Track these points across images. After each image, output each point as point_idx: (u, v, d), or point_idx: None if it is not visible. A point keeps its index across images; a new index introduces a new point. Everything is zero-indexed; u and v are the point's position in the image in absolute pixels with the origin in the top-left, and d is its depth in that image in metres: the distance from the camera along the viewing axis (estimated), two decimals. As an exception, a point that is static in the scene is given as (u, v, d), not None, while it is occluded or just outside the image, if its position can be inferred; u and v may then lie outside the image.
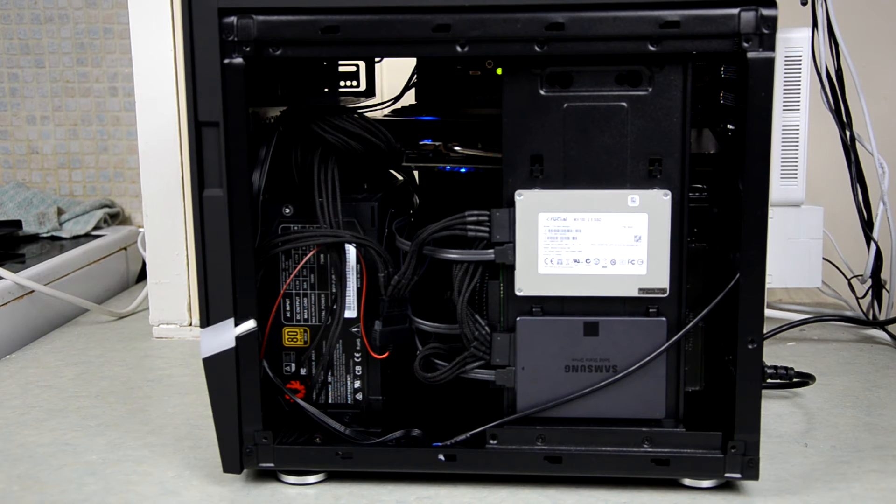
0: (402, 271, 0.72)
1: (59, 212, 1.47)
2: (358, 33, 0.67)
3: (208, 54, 0.67)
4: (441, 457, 0.72)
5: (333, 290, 0.75)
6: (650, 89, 0.68)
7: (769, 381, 0.89)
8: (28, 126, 1.56)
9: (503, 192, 0.69)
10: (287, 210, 0.75)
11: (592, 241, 0.69)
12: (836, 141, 1.04)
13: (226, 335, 0.71)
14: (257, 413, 0.72)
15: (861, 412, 0.88)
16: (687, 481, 0.73)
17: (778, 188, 0.94)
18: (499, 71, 0.75)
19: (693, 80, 0.67)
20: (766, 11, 0.65)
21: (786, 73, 0.91)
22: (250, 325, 0.71)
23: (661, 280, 0.69)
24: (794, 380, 0.90)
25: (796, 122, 0.93)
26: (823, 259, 0.99)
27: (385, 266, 0.73)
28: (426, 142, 0.78)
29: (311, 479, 0.74)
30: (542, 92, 0.68)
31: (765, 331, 0.71)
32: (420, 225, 0.72)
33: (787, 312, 1.14)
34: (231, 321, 0.70)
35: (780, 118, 0.92)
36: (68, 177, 1.56)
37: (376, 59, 0.91)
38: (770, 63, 0.65)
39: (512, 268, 0.70)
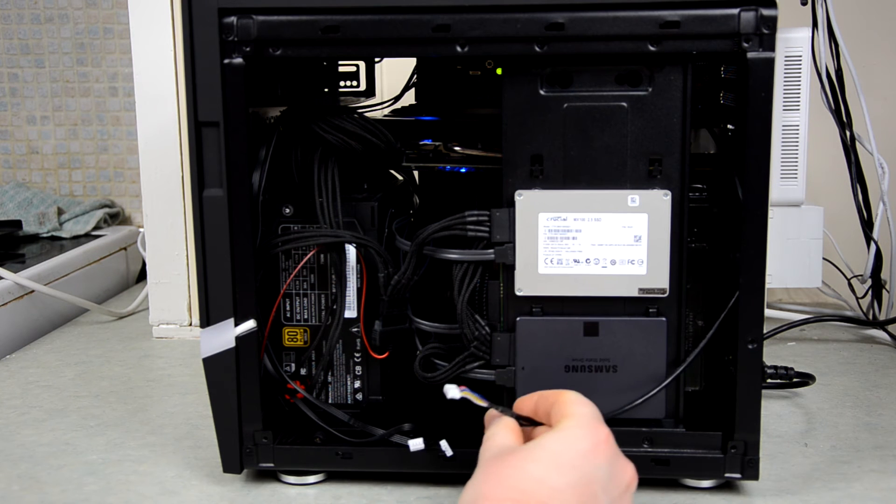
0: (402, 271, 0.72)
1: (59, 212, 1.47)
2: (358, 33, 0.67)
3: (208, 54, 0.67)
4: (441, 457, 0.72)
5: (333, 290, 0.75)
6: (650, 89, 0.68)
7: (769, 381, 0.89)
8: (28, 126, 1.56)
9: (503, 192, 0.69)
10: (287, 210, 0.75)
11: (592, 241, 0.69)
12: (836, 141, 1.04)
13: (226, 335, 0.71)
14: (257, 413, 0.72)
15: (861, 412, 0.88)
16: (687, 481, 0.73)
17: (778, 188, 0.94)
18: (499, 71, 0.75)
19: (693, 80, 0.67)
20: (766, 11, 0.65)
21: (786, 73, 0.91)
22: (250, 325, 0.71)
23: (661, 280, 0.69)
24: (794, 380, 0.90)
25: (796, 122, 0.93)
26: (823, 259, 1.00)
27: (385, 266, 0.73)
28: (426, 142, 0.78)
29: (311, 479, 0.74)
30: (542, 92, 0.68)
31: (765, 331, 0.71)
32: (420, 225, 0.72)
33: (787, 312, 1.14)
34: (231, 321, 0.70)
35: (780, 118, 0.92)
36: (68, 177, 1.56)
37: (376, 59, 0.91)
38: (770, 63, 0.65)
39: (512, 268, 0.70)
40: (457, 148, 0.77)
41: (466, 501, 0.54)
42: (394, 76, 1.00)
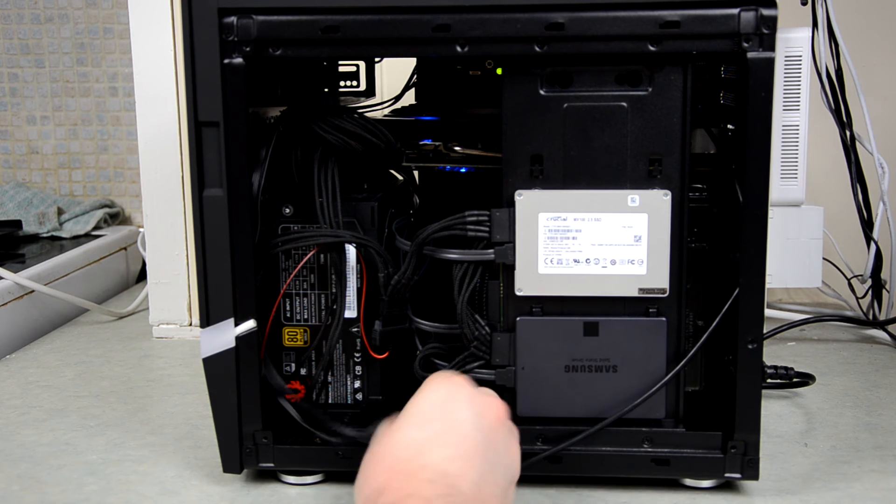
0: (402, 271, 0.72)
1: (59, 212, 1.47)
2: (358, 33, 0.67)
3: (208, 54, 0.67)
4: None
5: (333, 290, 0.75)
6: (650, 89, 0.68)
7: (769, 381, 0.89)
8: (28, 126, 1.56)
9: (503, 192, 0.69)
10: (287, 210, 0.75)
11: (592, 241, 0.69)
12: (836, 141, 1.04)
13: (226, 335, 0.71)
14: (257, 413, 0.72)
15: (861, 412, 0.88)
16: (687, 481, 0.73)
17: (778, 188, 0.94)
18: (499, 71, 0.75)
19: (693, 80, 0.67)
20: (766, 11, 0.65)
21: (786, 73, 0.91)
22: (250, 325, 0.71)
23: (661, 280, 0.69)
24: (794, 380, 0.90)
25: (796, 122, 0.93)
26: (823, 259, 0.99)
27: (385, 266, 0.73)
28: (426, 142, 0.78)
29: (311, 479, 0.74)
30: (542, 92, 0.68)
31: (765, 331, 0.71)
32: (420, 225, 0.72)
33: (787, 312, 1.14)
34: (231, 321, 0.70)
35: (780, 118, 0.92)
36: (68, 177, 1.56)
37: (376, 59, 0.91)
38: (770, 63, 0.65)
39: (512, 268, 0.70)
40: (457, 148, 0.77)
41: (357, 491, 0.55)
42: (394, 76, 1.00)
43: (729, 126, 0.73)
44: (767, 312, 1.08)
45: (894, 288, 1.09)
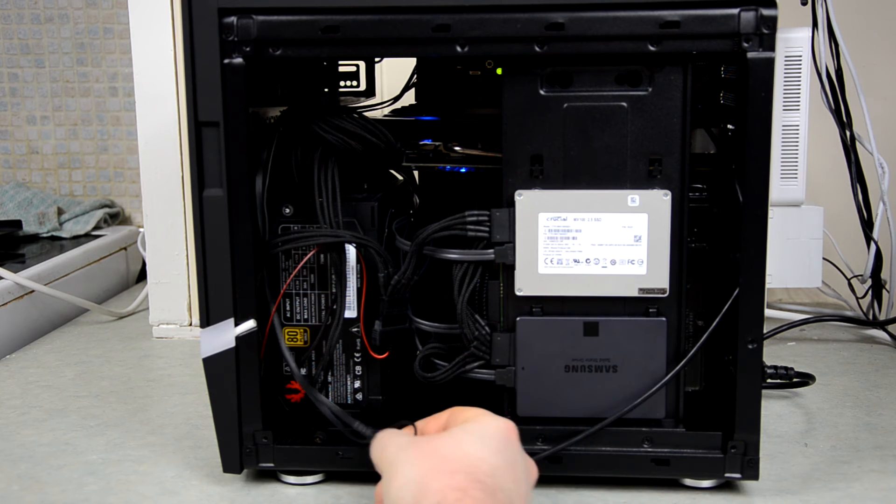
0: (402, 271, 0.72)
1: (59, 212, 1.47)
2: (358, 33, 0.67)
3: (208, 54, 0.67)
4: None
5: (333, 290, 0.75)
6: (650, 89, 0.68)
7: (769, 381, 0.89)
8: (28, 126, 1.56)
9: (503, 192, 0.69)
10: (287, 210, 0.75)
11: (592, 241, 0.69)
12: (836, 141, 1.04)
13: (226, 335, 0.71)
14: (257, 413, 0.72)
15: (861, 412, 0.88)
16: (687, 481, 0.73)
17: (778, 188, 0.94)
18: (499, 71, 0.75)
19: (693, 80, 0.67)
20: (766, 11, 0.65)
21: (786, 73, 0.91)
22: (250, 325, 0.71)
23: (661, 280, 0.69)
24: (794, 380, 0.90)
25: (796, 122, 0.93)
26: (823, 259, 1.00)
27: (385, 266, 0.73)
28: (426, 142, 0.78)
29: (311, 479, 0.74)
30: (542, 92, 0.68)
31: (765, 331, 0.71)
32: (420, 225, 0.72)
33: (787, 312, 1.14)
34: (231, 321, 0.70)
35: (780, 118, 0.92)
36: (68, 177, 1.56)
37: (376, 59, 0.91)
38: (770, 63, 0.65)
39: (512, 268, 0.70)
40: (457, 148, 0.77)
41: (406, 484, 0.54)
42: (394, 76, 1.00)
43: (729, 126, 0.73)
44: (767, 312, 1.08)
45: (894, 288, 1.09)
